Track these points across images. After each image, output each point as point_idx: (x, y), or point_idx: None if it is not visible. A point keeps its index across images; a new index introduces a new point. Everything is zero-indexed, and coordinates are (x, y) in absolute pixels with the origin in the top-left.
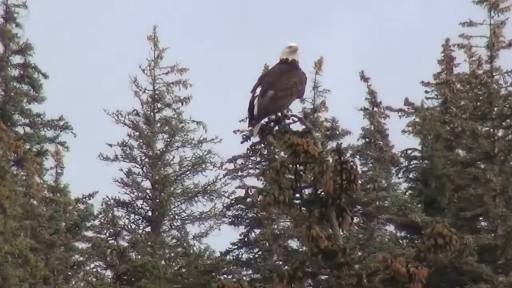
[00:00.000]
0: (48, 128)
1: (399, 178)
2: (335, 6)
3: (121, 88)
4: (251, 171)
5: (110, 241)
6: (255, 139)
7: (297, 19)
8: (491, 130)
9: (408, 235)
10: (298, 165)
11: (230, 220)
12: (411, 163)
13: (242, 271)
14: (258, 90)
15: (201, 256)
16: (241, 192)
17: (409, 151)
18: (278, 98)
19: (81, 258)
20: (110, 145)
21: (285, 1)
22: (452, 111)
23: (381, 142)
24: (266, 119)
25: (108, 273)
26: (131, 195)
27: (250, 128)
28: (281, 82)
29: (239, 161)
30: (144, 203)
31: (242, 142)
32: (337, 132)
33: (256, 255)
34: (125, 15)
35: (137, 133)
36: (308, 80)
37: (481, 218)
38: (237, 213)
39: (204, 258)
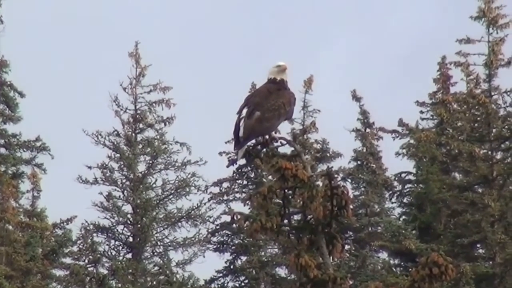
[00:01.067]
0: (24, 149)
1: (392, 202)
2: (328, 25)
3: (101, 108)
4: (237, 195)
5: (89, 268)
6: (242, 162)
7: (287, 37)
8: (489, 152)
9: (402, 263)
10: (286, 190)
11: (215, 246)
12: (405, 187)
13: None
14: (245, 111)
15: (185, 284)
16: (226, 218)
17: (403, 175)
18: (265, 120)
19: (58, 286)
20: (90, 167)
21: (274, 19)
22: (449, 133)
23: (374, 165)
24: (253, 142)
25: None
26: (111, 220)
27: (236, 150)
28: (269, 102)
29: (225, 185)
30: (125, 229)
31: (228, 166)
32: (328, 154)
33: (243, 284)
34: (106, 31)
35: (118, 155)
36: (297, 100)
37: (478, 245)
38: (222, 239)
39: (188, 287)
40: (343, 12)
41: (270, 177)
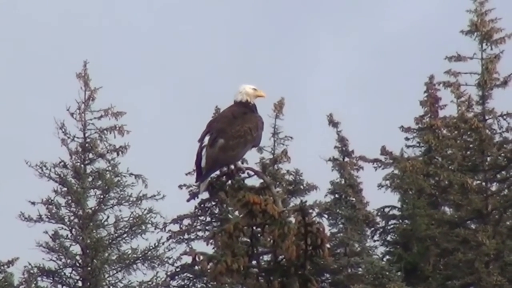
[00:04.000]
0: None
1: (375, 241)
2: (296, 44)
3: (45, 136)
4: (200, 233)
5: None
6: (204, 196)
7: (255, 58)
8: (484, 184)
9: None
10: (254, 227)
11: None
12: (389, 223)
13: None
14: (207, 138)
15: None
16: (187, 259)
17: (386, 209)
18: (229, 148)
19: None
20: (33, 203)
21: (242, 41)
22: (437, 162)
23: (354, 199)
24: (216, 173)
25: None
26: (57, 262)
27: (198, 183)
28: (233, 128)
29: (186, 222)
30: (73, 272)
31: (189, 200)
32: (301, 187)
33: None
34: (50, 49)
35: (65, 189)
36: (266, 125)
37: None
38: (183, 283)
39: None
40: (325, 31)
41: (236, 212)
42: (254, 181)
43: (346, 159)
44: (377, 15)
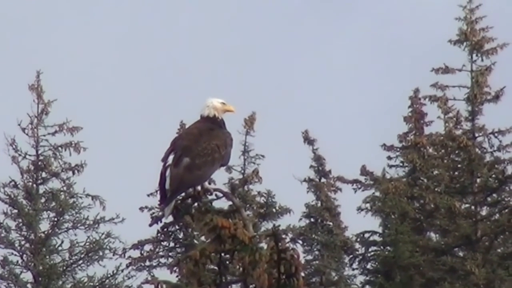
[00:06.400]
0: None
1: (353, 269)
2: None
3: None
4: (162, 260)
5: None
6: (168, 219)
7: (228, 69)
8: (473, 207)
9: None
10: (223, 254)
11: None
12: (370, 250)
13: None
14: (171, 157)
15: None
16: None
17: (366, 235)
18: (196, 167)
19: None
20: None
21: (196, 49)
22: (423, 183)
23: (331, 223)
24: (182, 194)
25: None
26: None
27: (161, 206)
28: (199, 146)
29: (147, 248)
30: None
31: (151, 225)
32: (274, 210)
33: None
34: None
35: (16, 211)
36: (235, 142)
37: None
38: None
39: None
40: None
41: (202, 237)
42: (222, 204)
43: (323, 179)
44: (357, 27)
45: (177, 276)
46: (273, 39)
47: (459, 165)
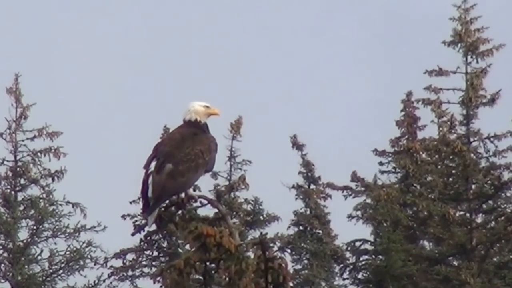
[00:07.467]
0: None
1: (344, 279)
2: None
3: None
4: (146, 269)
5: None
6: (151, 228)
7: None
8: (468, 215)
9: None
10: (208, 263)
11: None
12: (361, 259)
13: None
14: (153, 164)
15: None
16: None
17: (357, 243)
18: (179, 174)
19: None
20: None
21: (183, 51)
22: (416, 190)
23: (320, 231)
24: (165, 202)
25: None
26: None
27: (144, 214)
28: (182, 151)
29: (130, 257)
30: None
31: (133, 234)
32: (261, 218)
33: None
34: None
35: None
36: (221, 147)
37: None
38: None
39: None
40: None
41: (187, 246)
42: (207, 211)
43: (312, 186)
44: (347, 30)
45: (160, 286)
46: (261, 42)
47: (453, 171)
